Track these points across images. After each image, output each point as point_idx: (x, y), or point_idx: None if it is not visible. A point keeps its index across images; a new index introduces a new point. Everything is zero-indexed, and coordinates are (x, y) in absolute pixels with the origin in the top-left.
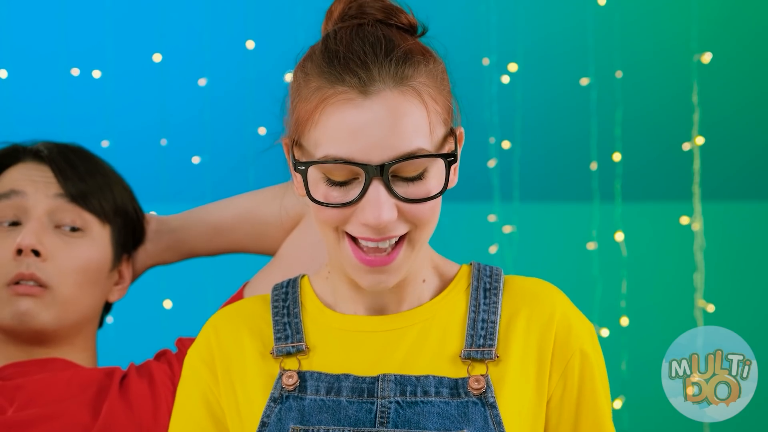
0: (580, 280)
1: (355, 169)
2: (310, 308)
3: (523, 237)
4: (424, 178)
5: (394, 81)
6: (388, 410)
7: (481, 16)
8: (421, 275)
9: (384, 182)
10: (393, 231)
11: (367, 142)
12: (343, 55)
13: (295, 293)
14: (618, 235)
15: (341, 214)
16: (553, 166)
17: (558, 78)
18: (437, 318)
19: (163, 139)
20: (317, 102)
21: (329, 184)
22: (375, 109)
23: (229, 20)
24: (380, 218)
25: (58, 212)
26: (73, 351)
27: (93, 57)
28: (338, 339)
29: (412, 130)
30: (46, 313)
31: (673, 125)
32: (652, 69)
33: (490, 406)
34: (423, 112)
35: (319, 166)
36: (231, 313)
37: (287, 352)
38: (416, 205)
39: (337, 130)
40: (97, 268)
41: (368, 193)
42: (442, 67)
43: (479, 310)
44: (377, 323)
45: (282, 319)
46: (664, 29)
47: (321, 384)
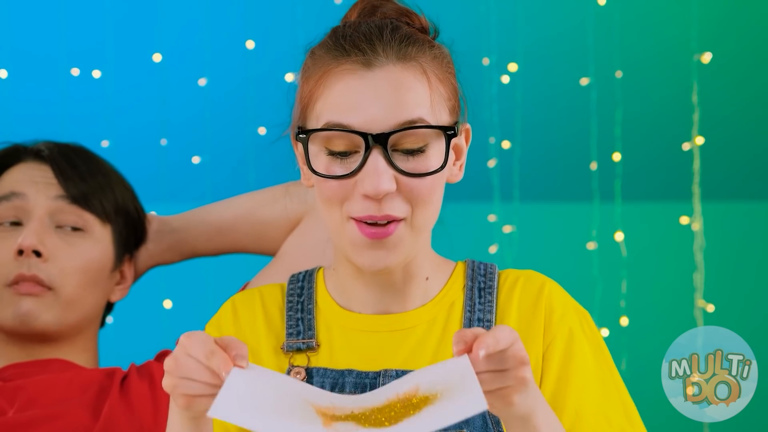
0: (579, 280)
1: (355, 140)
2: (321, 304)
3: (523, 237)
4: (425, 153)
5: (397, 57)
6: None
7: (481, 16)
8: (424, 272)
9: (383, 152)
10: (392, 209)
11: (368, 111)
12: (350, 35)
13: (310, 288)
14: (618, 235)
15: (342, 188)
16: (553, 166)
17: (558, 78)
18: (439, 318)
19: (163, 139)
20: (321, 74)
21: (331, 157)
22: (377, 81)
23: (229, 20)
24: (379, 187)
25: (58, 213)
26: (74, 351)
27: (93, 57)
28: (345, 337)
29: (413, 103)
30: (48, 314)
31: (673, 125)
32: (652, 69)
33: None
34: (426, 88)
35: (321, 137)
36: (251, 299)
37: (297, 348)
38: (415, 181)
39: (338, 99)
40: (99, 268)
41: (367, 162)
42: (448, 57)
43: (474, 310)
44: (383, 323)
45: (295, 314)
46: (664, 29)
47: (326, 380)
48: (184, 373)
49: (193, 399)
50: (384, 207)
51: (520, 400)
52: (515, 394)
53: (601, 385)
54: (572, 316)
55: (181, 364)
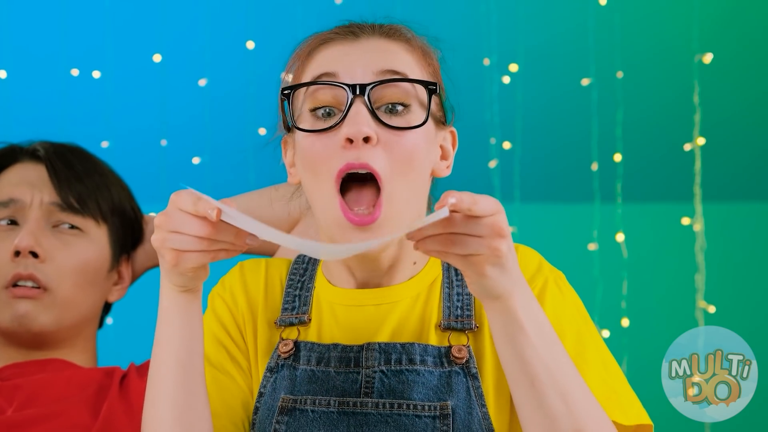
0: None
1: (339, 95)
2: (317, 283)
3: (524, 238)
4: (408, 111)
5: (383, 33)
6: (373, 380)
7: (482, 16)
8: (412, 258)
9: (365, 103)
10: (371, 158)
11: (352, 64)
12: (338, 23)
13: (313, 270)
14: (619, 236)
15: (326, 148)
16: (553, 167)
17: (559, 78)
18: (422, 294)
19: (163, 139)
20: (308, 49)
21: (314, 118)
22: (363, 46)
23: (229, 20)
24: (360, 128)
25: (53, 217)
26: (72, 352)
27: (93, 57)
28: (332, 312)
29: (398, 62)
30: (45, 315)
31: (674, 126)
32: (653, 69)
33: (472, 377)
34: (410, 57)
35: (306, 97)
36: (257, 267)
37: (290, 322)
38: (397, 137)
39: (324, 60)
40: (96, 268)
41: (350, 111)
42: (436, 53)
43: (453, 286)
44: (367, 297)
45: (294, 291)
46: (665, 29)
47: (312, 354)
48: (173, 226)
49: (182, 254)
50: (362, 155)
51: (494, 274)
52: (487, 264)
53: (576, 334)
54: (546, 273)
55: (170, 217)
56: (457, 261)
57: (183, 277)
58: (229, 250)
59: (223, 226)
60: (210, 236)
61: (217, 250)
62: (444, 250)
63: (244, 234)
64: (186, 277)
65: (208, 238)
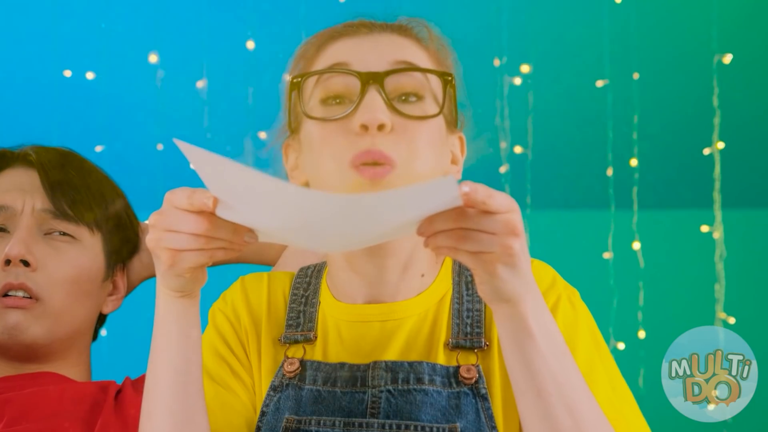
0: (595, 291)
1: (351, 85)
2: (322, 298)
3: (536, 246)
4: (422, 102)
5: (393, 30)
6: (379, 400)
7: (492, 14)
8: (420, 269)
9: (380, 90)
10: (385, 146)
11: (365, 54)
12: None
13: (317, 284)
14: (635, 245)
15: (338, 135)
16: (567, 173)
17: (572, 80)
18: (430, 310)
19: (159, 143)
20: (318, 43)
21: (325, 108)
22: (376, 38)
23: (228, 19)
24: (375, 115)
25: (45, 224)
26: (65, 366)
27: (86, 58)
28: (338, 329)
29: (412, 54)
30: (36, 326)
31: (693, 129)
32: (670, 70)
33: (482, 397)
34: (425, 53)
35: (317, 86)
36: (259, 282)
37: (294, 340)
38: (411, 125)
39: (334, 50)
40: (89, 278)
41: (364, 98)
42: (453, 53)
43: (463, 301)
44: (373, 313)
45: (298, 307)
46: (684, 29)
47: (319, 374)
48: (168, 224)
49: (178, 253)
50: (377, 142)
51: (505, 274)
52: (499, 263)
53: (586, 353)
54: (559, 289)
55: (165, 215)
56: (467, 259)
57: (180, 279)
58: (227, 248)
59: (221, 222)
60: (207, 233)
61: (214, 248)
62: (455, 246)
63: (242, 230)
64: (183, 279)
65: (205, 235)
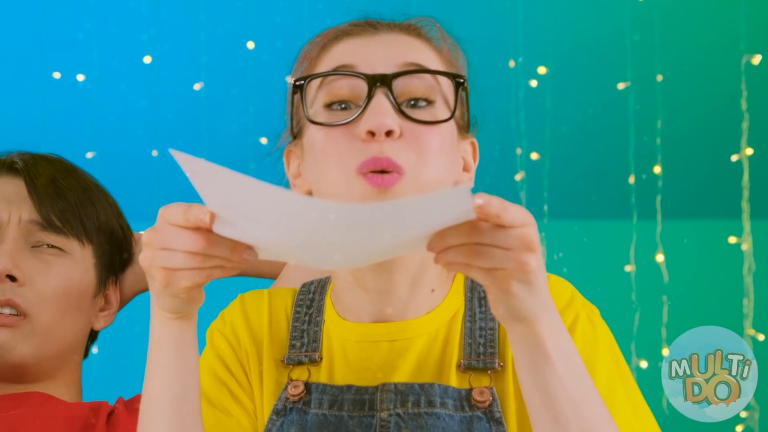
0: (616, 306)
1: (357, 88)
2: (326, 316)
3: (553, 259)
4: (432, 106)
5: (402, 30)
6: (388, 424)
7: (507, 12)
8: (430, 284)
9: (388, 95)
10: (394, 152)
11: (372, 56)
12: (349, 20)
13: (321, 300)
14: (658, 257)
15: (343, 141)
16: (586, 180)
17: (592, 82)
18: (441, 329)
19: (154, 149)
20: (322, 43)
21: (329, 112)
22: (383, 38)
23: (227, 18)
24: (384, 120)
25: (33, 236)
26: (55, 386)
27: (76, 59)
28: (343, 349)
29: (421, 56)
30: (24, 345)
31: (720, 134)
32: (696, 72)
33: (496, 422)
34: (435, 54)
35: (321, 90)
36: (259, 300)
37: (299, 361)
38: (421, 131)
39: (339, 51)
40: (80, 292)
41: (371, 103)
42: (462, 55)
43: (475, 319)
44: (381, 332)
45: (302, 325)
46: (710, 28)
47: (325, 397)
48: (162, 242)
49: (173, 273)
50: (385, 148)
51: (520, 292)
52: (513, 280)
53: (605, 374)
54: (578, 307)
55: (159, 232)
56: (480, 275)
57: (175, 300)
58: (226, 267)
59: (218, 239)
60: (203, 251)
61: (212, 267)
62: (467, 263)
63: (241, 247)
64: (179, 300)
65: (201, 253)
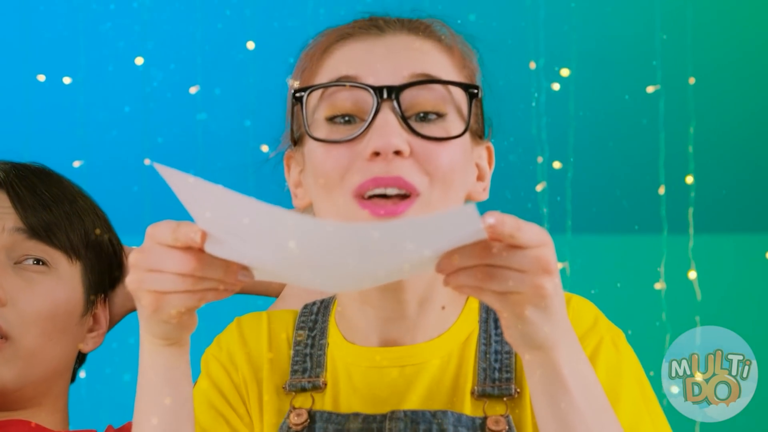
0: (645, 326)
1: (362, 100)
2: (330, 339)
3: (577, 275)
4: (444, 120)
5: (410, 30)
6: None
7: (528, 10)
8: (440, 301)
9: (395, 109)
10: (403, 170)
11: (376, 64)
12: (356, 18)
13: (324, 322)
14: (691, 274)
15: (343, 158)
16: (612, 191)
17: (619, 85)
18: (454, 353)
19: (146, 158)
20: (323, 45)
21: (331, 126)
22: (389, 42)
23: (225, 17)
24: (390, 139)
25: (17, 248)
26: (39, 413)
27: (62, 60)
28: (349, 374)
29: (431, 63)
30: (6, 370)
31: (757, 143)
32: (731, 75)
33: None
34: (445, 58)
35: (322, 101)
36: (258, 323)
37: (301, 387)
38: (432, 149)
39: (341, 58)
40: (67, 312)
41: (377, 119)
42: (474, 54)
43: (490, 342)
44: (391, 357)
45: (304, 349)
46: (746, 28)
47: (330, 426)
48: (151, 263)
49: (162, 296)
50: (393, 167)
51: (536, 317)
52: (528, 305)
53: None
54: (602, 330)
55: (147, 253)
56: (493, 299)
57: (165, 326)
58: (219, 289)
59: (210, 259)
60: (195, 272)
61: (204, 289)
62: (479, 286)
63: (235, 268)
64: (169, 326)
65: (192, 275)
